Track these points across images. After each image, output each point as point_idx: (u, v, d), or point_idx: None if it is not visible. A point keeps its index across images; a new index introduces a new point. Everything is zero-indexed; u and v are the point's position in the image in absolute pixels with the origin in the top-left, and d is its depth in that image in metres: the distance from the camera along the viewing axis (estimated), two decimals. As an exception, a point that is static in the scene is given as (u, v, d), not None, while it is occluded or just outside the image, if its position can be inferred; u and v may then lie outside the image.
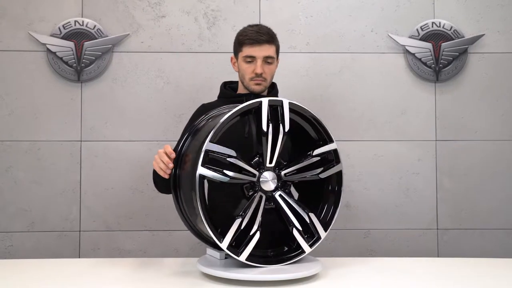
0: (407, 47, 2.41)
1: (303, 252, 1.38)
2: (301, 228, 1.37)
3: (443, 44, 2.41)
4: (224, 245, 1.30)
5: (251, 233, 1.31)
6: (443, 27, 2.42)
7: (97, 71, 2.36)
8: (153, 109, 2.38)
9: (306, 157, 1.42)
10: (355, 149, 2.41)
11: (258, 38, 1.63)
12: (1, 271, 1.49)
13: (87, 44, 2.35)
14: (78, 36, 2.35)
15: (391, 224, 2.40)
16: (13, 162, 2.33)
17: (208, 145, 1.31)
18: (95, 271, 1.47)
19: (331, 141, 1.43)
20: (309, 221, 1.37)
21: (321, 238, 1.40)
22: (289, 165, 1.41)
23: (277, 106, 1.38)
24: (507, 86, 2.44)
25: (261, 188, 1.37)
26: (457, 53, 2.42)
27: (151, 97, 2.38)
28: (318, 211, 1.45)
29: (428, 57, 2.41)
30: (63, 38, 2.35)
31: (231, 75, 1.88)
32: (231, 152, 1.34)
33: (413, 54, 2.41)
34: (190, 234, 1.55)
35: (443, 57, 2.41)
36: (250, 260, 1.33)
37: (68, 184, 2.35)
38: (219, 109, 1.58)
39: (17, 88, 2.34)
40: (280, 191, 1.39)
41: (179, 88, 2.39)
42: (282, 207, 1.38)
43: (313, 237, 1.40)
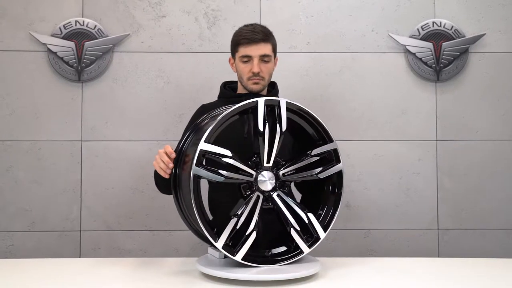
0: (407, 47, 2.41)
1: (302, 252, 1.38)
2: (299, 228, 1.36)
3: (443, 43, 2.41)
4: (219, 245, 1.30)
5: (247, 233, 1.31)
6: (444, 27, 2.41)
7: (98, 71, 2.37)
8: (153, 109, 2.38)
9: (304, 156, 1.41)
10: (355, 149, 2.41)
11: (253, 37, 1.64)
12: (2, 270, 1.49)
13: (87, 44, 2.35)
14: (78, 36, 2.36)
15: (391, 224, 2.40)
16: (14, 162, 2.34)
17: (202, 145, 1.31)
18: (96, 271, 1.47)
19: (331, 141, 1.43)
20: (307, 221, 1.37)
21: (320, 238, 1.39)
22: (287, 165, 1.41)
23: (275, 105, 1.37)
24: (508, 86, 2.43)
25: (259, 188, 1.36)
26: (458, 53, 2.41)
27: (151, 97, 2.38)
28: (318, 212, 1.44)
29: (428, 57, 2.41)
30: (63, 38, 2.35)
31: (231, 75, 1.88)
32: (226, 152, 1.34)
33: (414, 53, 2.41)
34: (190, 234, 1.55)
35: (443, 56, 2.41)
36: (247, 260, 1.32)
37: (68, 184, 2.35)
38: (221, 108, 1.58)
39: (17, 88, 2.35)
40: (278, 191, 1.39)
41: (179, 88, 2.39)
42: (280, 207, 1.38)
43: (312, 237, 1.39)
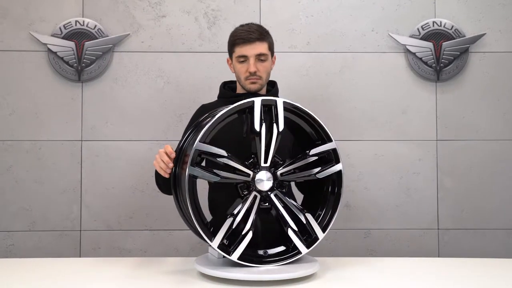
0: (407, 47, 2.40)
1: (300, 252, 1.37)
2: (296, 228, 1.36)
3: (444, 43, 2.40)
4: (215, 244, 1.30)
5: (243, 233, 1.31)
6: (444, 27, 2.41)
7: (98, 71, 2.37)
8: (153, 108, 2.38)
9: (302, 156, 1.41)
10: (355, 148, 2.40)
11: (248, 37, 1.64)
12: (2, 270, 1.50)
13: (87, 44, 2.36)
14: (78, 36, 2.36)
15: (392, 224, 2.40)
16: (14, 161, 2.34)
17: (198, 145, 1.31)
18: (96, 270, 1.48)
19: (330, 141, 1.42)
20: (305, 222, 1.37)
21: (318, 239, 1.38)
22: (285, 165, 1.40)
23: (272, 105, 1.37)
24: (508, 85, 2.43)
25: (256, 188, 1.36)
26: (458, 53, 2.41)
27: (151, 97, 2.39)
28: (317, 212, 1.43)
29: (429, 57, 2.40)
30: (64, 38, 2.35)
31: (231, 75, 1.87)
32: (221, 152, 1.34)
33: (414, 53, 2.40)
34: (190, 233, 1.56)
35: (444, 56, 2.40)
36: (244, 259, 1.32)
37: (69, 183, 2.35)
38: (220, 108, 1.58)
39: (18, 88, 2.35)
40: (276, 191, 1.38)
41: (179, 87, 2.39)
42: (277, 207, 1.37)
43: (311, 237, 1.39)
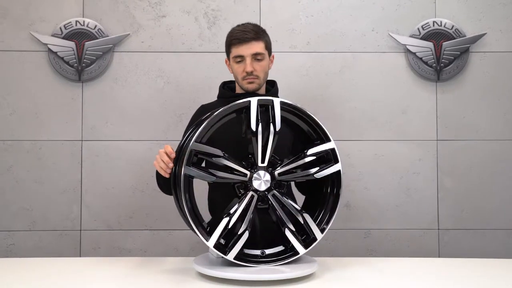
0: (408, 47, 2.40)
1: (297, 253, 1.37)
2: (294, 228, 1.36)
3: (444, 43, 2.40)
4: (210, 244, 1.31)
5: (240, 232, 1.31)
6: (444, 26, 2.40)
7: (98, 71, 2.37)
8: (153, 108, 2.39)
9: (300, 156, 1.41)
10: (355, 148, 2.40)
11: (243, 36, 1.64)
12: (3, 269, 1.50)
13: (88, 44, 2.36)
14: (79, 36, 2.36)
15: (392, 224, 2.40)
16: (15, 161, 2.35)
17: (193, 145, 1.32)
18: (96, 270, 1.49)
19: (328, 140, 1.42)
20: (303, 222, 1.37)
21: (317, 239, 1.38)
22: (283, 165, 1.40)
23: (269, 105, 1.37)
24: (509, 85, 2.42)
25: (253, 187, 1.36)
26: (459, 52, 2.40)
27: (151, 97, 2.39)
28: (316, 213, 1.43)
29: (429, 57, 2.40)
30: (64, 38, 2.36)
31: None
32: (217, 151, 1.34)
33: (414, 53, 2.40)
34: (190, 233, 1.56)
35: (444, 56, 2.40)
36: (242, 259, 1.33)
37: (69, 183, 2.36)
38: (218, 108, 1.58)
39: (18, 88, 2.36)
40: (273, 191, 1.38)
41: (179, 87, 2.39)
42: (274, 207, 1.37)
43: (309, 238, 1.38)
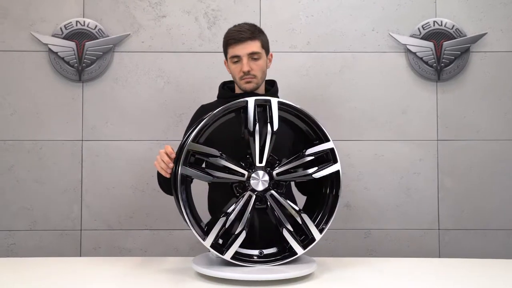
0: (408, 46, 2.40)
1: (295, 253, 1.37)
2: (292, 229, 1.36)
3: (444, 43, 2.39)
4: (207, 243, 1.31)
5: (237, 232, 1.31)
6: (445, 26, 2.40)
7: (98, 71, 2.38)
8: (153, 108, 2.39)
9: (299, 156, 1.40)
10: (355, 148, 2.40)
11: (239, 36, 1.65)
12: (4, 269, 1.51)
13: (88, 44, 2.36)
14: (79, 36, 2.37)
15: (392, 224, 2.39)
16: (16, 161, 2.35)
17: (190, 145, 1.32)
18: (96, 270, 1.49)
19: (327, 140, 1.42)
20: (301, 222, 1.36)
21: (315, 240, 1.38)
22: (281, 165, 1.40)
23: (267, 105, 1.37)
24: (509, 85, 2.41)
25: (251, 187, 1.36)
26: (459, 52, 2.40)
27: (151, 97, 2.39)
28: (315, 213, 1.43)
29: (429, 56, 2.40)
30: (64, 38, 2.36)
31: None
32: (214, 151, 1.34)
33: (415, 53, 2.40)
34: (190, 233, 1.54)
35: (444, 56, 2.39)
36: (240, 259, 1.33)
37: (69, 183, 2.36)
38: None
39: (19, 88, 2.36)
40: (271, 191, 1.38)
41: (179, 87, 2.39)
42: (272, 207, 1.37)
43: (308, 238, 1.38)
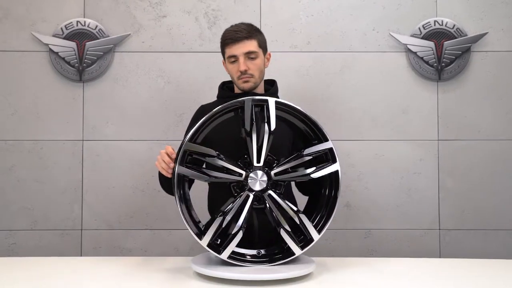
0: (409, 46, 2.39)
1: (293, 253, 1.37)
2: (289, 229, 1.35)
3: (445, 42, 2.39)
4: (204, 243, 1.31)
5: (233, 232, 1.31)
6: (446, 26, 2.39)
7: (99, 71, 2.38)
8: (154, 108, 2.39)
9: (297, 156, 1.40)
10: (356, 148, 2.39)
11: (235, 36, 1.65)
12: (5, 268, 1.52)
13: (89, 44, 2.37)
14: (80, 36, 2.37)
15: (392, 224, 2.39)
16: (16, 161, 2.36)
17: (187, 145, 1.32)
18: (96, 269, 1.50)
19: (326, 140, 1.42)
20: (299, 222, 1.36)
21: (313, 240, 1.38)
22: (279, 165, 1.40)
23: (264, 105, 1.37)
24: (510, 84, 2.40)
25: (250, 187, 1.36)
26: (460, 52, 2.39)
27: (152, 97, 2.39)
28: (314, 213, 1.43)
29: (430, 56, 2.39)
30: (65, 38, 2.37)
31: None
32: (211, 151, 1.34)
33: (415, 53, 2.39)
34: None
35: (445, 55, 2.39)
36: (236, 259, 1.33)
37: (70, 183, 2.37)
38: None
39: (19, 88, 2.37)
40: (270, 191, 1.38)
41: (179, 87, 2.39)
42: (270, 207, 1.37)
43: (306, 238, 1.38)
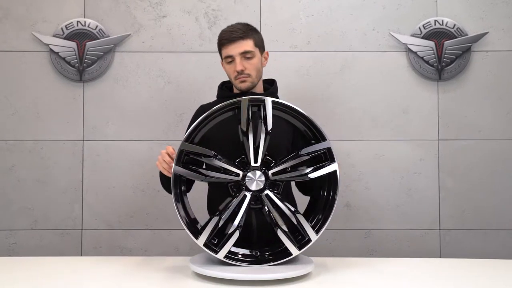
0: (409, 46, 2.39)
1: (290, 254, 1.36)
2: (287, 229, 1.35)
3: (446, 42, 2.38)
4: (200, 242, 1.31)
5: (230, 232, 1.31)
6: (446, 25, 2.39)
7: (99, 71, 2.38)
8: (154, 108, 2.39)
9: (294, 156, 1.40)
10: (356, 148, 2.39)
11: (230, 36, 1.65)
12: (5, 268, 1.52)
13: (89, 44, 2.37)
14: (80, 36, 2.38)
15: (392, 224, 2.38)
16: (17, 161, 2.37)
17: (183, 145, 1.33)
18: (96, 269, 1.50)
19: (324, 140, 1.41)
20: (296, 223, 1.36)
21: (311, 240, 1.37)
22: (276, 165, 1.40)
23: (261, 105, 1.38)
24: (511, 84, 2.40)
25: (247, 187, 1.36)
26: (460, 52, 2.38)
27: (152, 97, 2.39)
28: (313, 214, 1.43)
29: (430, 56, 2.38)
30: (65, 38, 2.37)
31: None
32: (207, 151, 1.34)
33: (415, 52, 2.39)
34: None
35: (445, 55, 2.38)
36: (232, 259, 1.33)
37: (70, 183, 2.37)
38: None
39: (20, 88, 2.37)
40: (267, 191, 1.38)
41: (179, 87, 2.40)
42: (268, 207, 1.37)
43: (304, 239, 1.38)
